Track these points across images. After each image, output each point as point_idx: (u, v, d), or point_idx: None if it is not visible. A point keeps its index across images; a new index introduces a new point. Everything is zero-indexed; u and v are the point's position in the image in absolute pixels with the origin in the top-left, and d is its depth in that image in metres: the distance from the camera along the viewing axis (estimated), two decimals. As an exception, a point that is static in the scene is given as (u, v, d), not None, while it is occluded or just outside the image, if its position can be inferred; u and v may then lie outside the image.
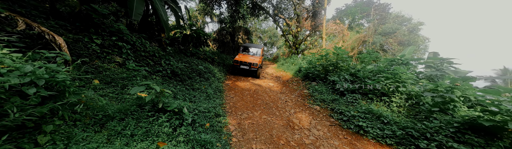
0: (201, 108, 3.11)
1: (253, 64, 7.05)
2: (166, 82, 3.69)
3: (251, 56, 7.81)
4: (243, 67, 7.08)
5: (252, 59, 7.36)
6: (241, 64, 7.09)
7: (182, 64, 4.83)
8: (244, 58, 7.34)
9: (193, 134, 2.29)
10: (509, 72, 13.04)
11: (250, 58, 7.49)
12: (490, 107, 2.81)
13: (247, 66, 7.09)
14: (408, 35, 14.45)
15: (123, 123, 2.01)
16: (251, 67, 7.08)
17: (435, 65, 6.46)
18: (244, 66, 7.08)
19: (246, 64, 7.06)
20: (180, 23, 6.72)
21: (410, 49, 7.95)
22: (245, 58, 7.36)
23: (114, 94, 2.53)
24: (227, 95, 4.91)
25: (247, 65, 7.08)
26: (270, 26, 25.63)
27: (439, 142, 2.76)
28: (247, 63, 7.06)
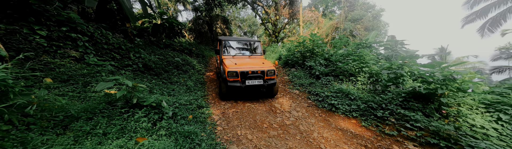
0: (182, 101, 2.97)
1: (269, 72, 3.59)
2: (138, 77, 3.36)
3: (250, 58, 4.16)
4: (253, 82, 3.46)
5: (257, 62, 3.78)
6: (246, 78, 3.46)
7: (156, 57, 4.39)
8: (243, 63, 3.66)
9: (175, 126, 2.22)
10: (444, 50, 15.41)
11: (252, 61, 3.85)
12: (427, 78, 3.27)
13: (258, 79, 3.52)
14: (372, 21, 15.18)
15: (92, 122, 1.82)
16: (265, 78, 3.60)
17: (391, 47, 7.09)
18: (254, 81, 3.48)
19: (256, 76, 3.49)
20: (147, 11, 5.86)
21: (373, 33, 8.45)
22: (245, 63, 3.70)
23: (75, 92, 2.22)
24: (209, 86, 4.78)
25: (259, 78, 3.52)
26: (249, 14, 24.30)
27: (391, 110, 3.21)
28: (257, 74, 3.49)
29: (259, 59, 4.12)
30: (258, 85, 3.49)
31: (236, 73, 3.41)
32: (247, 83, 3.44)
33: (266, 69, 3.57)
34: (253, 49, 4.49)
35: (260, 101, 4.09)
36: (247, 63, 3.70)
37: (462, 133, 2.53)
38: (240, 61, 3.74)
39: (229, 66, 3.48)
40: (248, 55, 4.27)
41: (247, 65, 3.60)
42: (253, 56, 4.31)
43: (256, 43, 4.57)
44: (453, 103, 3.20)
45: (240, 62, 3.66)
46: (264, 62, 3.83)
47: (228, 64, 3.54)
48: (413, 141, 2.65)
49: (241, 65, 3.55)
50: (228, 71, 3.38)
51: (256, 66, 3.62)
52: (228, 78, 3.40)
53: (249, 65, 3.59)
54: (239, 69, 3.43)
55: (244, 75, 3.46)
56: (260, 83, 3.50)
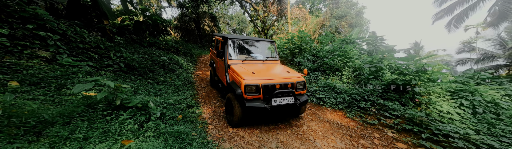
0: (170, 100, 2.85)
1: (299, 85, 2.57)
2: (121, 78, 3.14)
3: (266, 64, 3.13)
4: (281, 101, 2.36)
5: (280, 71, 2.77)
6: (272, 94, 2.32)
7: (139, 56, 4.13)
8: (262, 72, 2.63)
9: (164, 127, 2.13)
10: (418, 44, 16.72)
11: (272, 69, 2.87)
12: (403, 71, 3.51)
13: (288, 96, 2.43)
14: (355, 18, 15.72)
15: (70, 127, 1.67)
16: (296, 94, 2.57)
17: (372, 42, 7.44)
18: (282, 99, 2.37)
19: (286, 92, 2.38)
20: (128, 8, 5.42)
21: (357, 30, 8.77)
22: (265, 71, 2.71)
23: (48, 96, 2.01)
24: (199, 85, 4.64)
25: (289, 94, 2.43)
26: (238, 12, 23.73)
27: (372, 101, 3.41)
28: (287, 89, 2.43)
29: (280, 66, 3.00)
30: (288, 105, 2.31)
31: (257, 87, 2.25)
32: (274, 103, 2.26)
33: (295, 80, 2.45)
34: (267, 52, 3.37)
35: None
36: (267, 71, 2.59)
37: (432, 119, 2.76)
38: (257, 69, 2.63)
39: (245, 76, 2.31)
40: (261, 60, 3.14)
41: (269, 75, 2.46)
42: (269, 61, 3.19)
43: (271, 45, 3.49)
44: (425, 92, 3.46)
45: (258, 70, 2.55)
46: (288, 71, 2.71)
47: (242, 73, 2.38)
48: (391, 128, 2.84)
49: (262, 75, 2.40)
50: (246, 84, 2.20)
51: (282, 76, 2.45)
52: (246, 95, 2.22)
53: (272, 75, 2.45)
54: (262, 82, 2.28)
55: (269, 91, 2.31)
56: (291, 101, 2.34)
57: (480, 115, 2.88)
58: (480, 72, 4.37)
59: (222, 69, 3.23)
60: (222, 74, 3.26)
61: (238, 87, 2.35)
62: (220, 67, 3.45)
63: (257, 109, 2.24)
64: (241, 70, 2.56)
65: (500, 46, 12.29)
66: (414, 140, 2.48)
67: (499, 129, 2.53)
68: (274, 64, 3.22)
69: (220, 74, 3.44)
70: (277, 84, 2.41)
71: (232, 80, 2.69)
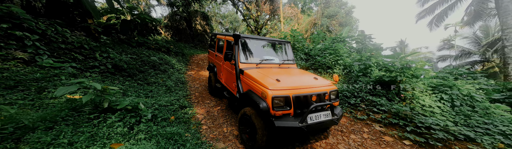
0: (162, 102, 2.77)
1: (332, 95, 2.11)
2: (108, 79, 2.99)
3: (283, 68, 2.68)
4: (318, 117, 1.82)
5: (305, 77, 2.25)
6: (304, 108, 1.86)
7: (128, 57, 3.95)
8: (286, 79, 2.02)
9: (156, 129, 2.06)
10: (403, 42, 17.49)
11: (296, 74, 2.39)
12: (390, 68, 3.66)
13: (324, 110, 1.94)
14: (345, 17, 16.06)
15: (53, 132, 1.57)
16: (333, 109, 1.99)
17: (361, 41, 7.66)
18: (319, 115, 1.84)
19: (322, 106, 1.87)
20: (114, 6, 5.14)
21: (347, 29, 8.96)
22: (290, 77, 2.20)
23: (27, 100, 1.87)
24: (192, 86, 4.55)
25: (325, 107, 1.98)
26: (230, 11, 23.34)
27: (361, 97, 3.52)
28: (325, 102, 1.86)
29: (301, 71, 2.57)
30: (325, 121, 1.81)
31: (287, 99, 1.73)
32: (310, 120, 1.74)
33: (328, 89, 1.99)
34: (283, 55, 2.90)
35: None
36: (292, 78, 2.09)
37: (416, 113, 2.90)
38: (279, 75, 2.13)
39: (270, 85, 1.79)
40: (277, 63, 2.68)
41: (297, 82, 1.95)
42: (285, 64, 2.73)
43: (286, 45, 3.00)
44: (409, 87, 3.62)
45: (281, 77, 2.01)
46: (315, 77, 2.20)
47: (265, 81, 1.86)
48: (379, 123, 2.95)
49: (290, 84, 1.88)
50: (274, 96, 1.68)
51: (313, 84, 1.96)
52: (274, 111, 1.68)
53: (302, 83, 1.93)
54: (293, 92, 1.78)
55: (301, 104, 1.81)
56: (328, 117, 1.85)
57: (458, 108, 3.07)
58: (458, 68, 4.65)
59: (230, 75, 2.68)
60: (230, 81, 2.70)
61: (262, 100, 1.75)
62: (226, 72, 2.89)
63: (289, 129, 1.64)
64: (261, 77, 2.00)
65: (475, 43, 13.12)
66: (400, 133, 2.59)
67: (474, 120, 2.71)
68: (292, 68, 2.70)
69: (227, 80, 2.83)
70: (311, 94, 1.84)
71: (248, 90, 2.08)
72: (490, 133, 2.41)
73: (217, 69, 3.40)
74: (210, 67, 3.78)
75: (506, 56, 6.14)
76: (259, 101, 1.78)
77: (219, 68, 3.29)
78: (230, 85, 2.77)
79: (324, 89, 2.01)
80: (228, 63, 2.80)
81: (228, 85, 2.85)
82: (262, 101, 1.77)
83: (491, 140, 2.25)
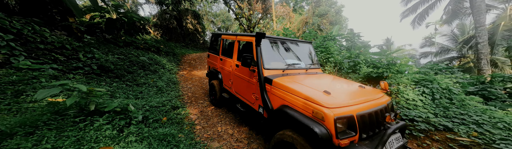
0: (153, 103, 2.68)
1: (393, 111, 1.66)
2: (93, 81, 2.84)
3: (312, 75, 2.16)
4: (391, 145, 1.35)
5: (351, 85, 1.82)
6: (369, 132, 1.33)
7: (115, 57, 3.77)
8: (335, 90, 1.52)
9: (147, 131, 2.00)
10: (389, 40, 18.29)
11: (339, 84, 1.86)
12: (377, 64, 3.79)
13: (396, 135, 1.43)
14: (335, 16, 16.37)
15: (35, 138, 1.47)
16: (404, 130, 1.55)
17: (350, 39, 7.88)
18: (392, 142, 1.36)
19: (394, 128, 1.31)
20: (97, 4, 4.82)
21: (337, 27, 9.16)
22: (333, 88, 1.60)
23: (2, 104, 1.73)
24: (184, 86, 4.44)
25: (398, 133, 1.47)
26: (222, 9, 22.87)
27: None
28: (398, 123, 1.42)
29: (336, 77, 2.16)
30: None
31: (350, 120, 1.28)
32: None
33: (386, 101, 1.60)
34: (306, 57, 2.45)
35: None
36: (338, 89, 1.65)
37: (401, 106, 3.04)
38: (317, 83, 1.76)
39: (324, 100, 1.33)
40: (304, 68, 2.23)
41: (350, 94, 1.55)
42: (312, 69, 2.32)
43: (308, 46, 2.57)
44: (394, 83, 3.78)
45: (325, 86, 1.64)
46: (361, 85, 1.81)
47: (310, 94, 1.44)
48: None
49: (346, 96, 1.45)
50: (338, 117, 1.22)
51: (371, 96, 1.54)
52: (338, 140, 1.20)
53: (356, 96, 1.50)
54: (358, 110, 1.33)
55: (368, 125, 1.35)
56: (401, 142, 1.47)
57: (437, 101, 3.26)
58: (438, 64, 4.92)
59: (246, 84, 2.18)
60: (245, 92, 2.19)
61: (314, 122, 1.25)
62: (238, 80, 2.35)
63: None
64: (302, 88, 1.52)
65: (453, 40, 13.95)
66: (387, 127, 2.71)
67: (452, 111, 2.90)
68: (321, 74, 2.28)
69: (241, 90, 2.30)
70: (377, 110, 1.40)
71: (281, 106, 1.59)
72: (465, 123, 2.58)
73: (223, 75, 2.82)
74: (212, 73, 3.15)
75: (479, 52, 6.59)
76: (309, 123, 1.24)
77: (226, 74, 2.70)
78: (246, 96, 2.22)
79: (383, 101, 1.52)
80: (241, 69, 2.27)
81: (243, 97, 2.30)
82: (316, 124, 1.23)
83: (466, 129, 2.42)
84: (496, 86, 3.79)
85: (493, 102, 3.30)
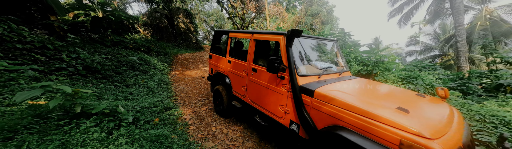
0: (144, 104, 2.59)
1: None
2: (79, 82, 2.69)
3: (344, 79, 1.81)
4: None
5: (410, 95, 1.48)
6: None
7: (101, 57, 3.59)
8: (410, 107, 1.14)
9: (138, 132, 1.93)
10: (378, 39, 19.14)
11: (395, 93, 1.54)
12: (366, 62, 3.92)
13: None
14: (327, 16, 16.67)
15: (14, 143, 1.37)
16: None
17: (341, 38, 8.07)
18: None
19: None
20: (82, 1, 4.56)
21: (328, 27, 9.33)
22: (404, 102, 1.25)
23: (-25, 109, 1.59)
24: (177, 86, 4.34)
25: None
26: (215, 8, 22.48)
27: None
28: None
29: (379, 84, 1.85)
30: None
31: None
32: None
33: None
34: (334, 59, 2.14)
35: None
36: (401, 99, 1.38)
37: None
38: (372, 95, 1.44)
39: (417, 129, 0.90)
40: (337, 72, 1.92)
41: (430, 111, 1.20)
42: (344, 73, 2.03)
43: (334, 45, 2.22)
44: (383, 80, 3.93)
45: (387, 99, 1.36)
46: (418, 94, 1.53)
47: (387, 115, 1.03)
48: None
49: (435, 116, 1.12)
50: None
51: (453, 112, 1.25)
52: None
53: (439, 113, 1.18)
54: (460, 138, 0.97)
55: None
56: None
57: (423, 96, 3.43)
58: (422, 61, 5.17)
59: (271, 94, 1.79)
60: (268, 102, 1.83)
61: None
62: (256, 87, 1.97)
63: None
64: (364, 103, 1.18)
65: (435, 39, 14.71)
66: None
67: (436, 106, 3.06)
68: (357, 78, 1.96)
69: (262, 100, 1.92)
70: (470, 133, 1.12)
71: (333, 126, 1.24)
72: (447, 116, 2.73)
73: (232, 80, 2.41)
74: (217, 76, 2.73)
75: (458, 50, 6.99)
76: None
77: (237, 79, 2.31)
78: (270, 108, 1.84)
79: (461, 117, 1.24)
80: (261, 75, 1.88)
81: (265, 108, 1.91)
82: None
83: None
84: (473, 81, 4.04)
85: (470, 96, 3.53)
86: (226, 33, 2.60)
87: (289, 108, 1.62)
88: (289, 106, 1.62)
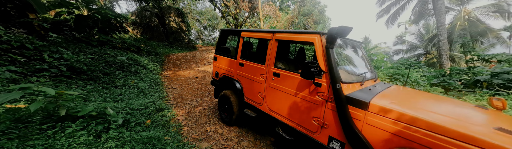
0: (135, 105, 2.50)
1: None
2: (63, 84, 2.54)
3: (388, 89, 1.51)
4: None
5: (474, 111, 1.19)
6: None
7: (87, 57, 3.42)
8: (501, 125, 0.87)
9: (129, 135, 1.86)
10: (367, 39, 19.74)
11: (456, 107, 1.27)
12: None
13: None
14: (319, 16, 16.95)
15: (-9, 150, 1.27)
16: None
17: None
18: None
19: None
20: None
21: (321, 26, 9.50)
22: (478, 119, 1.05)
23: None
24: (169, 87, 4.23)
25: None
26: (208, 7, 22.05)
27: None
28: None
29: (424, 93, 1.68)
30: None
31: None
32: None
33: None
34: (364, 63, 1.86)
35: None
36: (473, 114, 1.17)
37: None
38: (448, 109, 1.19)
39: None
40: (372, 78, 1.75)
41: None
42: (378, 79, 1.90)
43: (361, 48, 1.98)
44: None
45: (462, 114, 1.13)
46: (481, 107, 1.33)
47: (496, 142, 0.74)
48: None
49: None
50: None
51: None
52: None
53: None
54: None
55: None
56: None
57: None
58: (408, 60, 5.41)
59: (300, 103, 1.53)
60: (299, 114, 1.55)
61: None
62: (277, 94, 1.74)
63: None
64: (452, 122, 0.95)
65: (420, 39, 15.44)
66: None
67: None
68: (394, 85, 1.78)
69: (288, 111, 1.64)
70: None
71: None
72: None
73: (245, 86, 2.13)
74: (224, 81, 2.45)
75: (441, 49, 7.39)
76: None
77: (251, 85, 2.03)
78: (297, 119, 1.57)
79: None
80: (287, 80, 1.62)
81: (291, 119, 1.63)
82: None
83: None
84: (454, 78, 4.30)
85: (451, 92, 3.74)
86: (236, 32, 2.32)
87: (328, 121, 1.34)
88: (328, 119, 1.33)
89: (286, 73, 1.65)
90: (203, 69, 6.17)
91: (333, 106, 1.30)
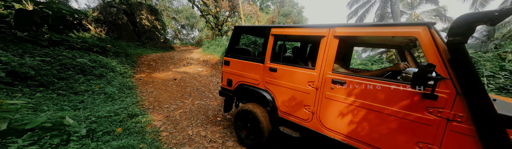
0: (101, 112, 2.21)
1: None
2: (2, 92, 2.10)
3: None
4: None
5: None
6: None
7: (36, 60, 2.88)
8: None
9: (95, 146, 1.64)
10: None
11: None
12: None
13: None
14: (297, 16, 17.69)
15: None
16: None
17: None
18: None
19: None
20: None
21: None
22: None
23: None
24: (144, 90, 3.88)
25: None
26: (185, 5, 20.78)
27: None
28: None
29: None
30: None
31: None
32: None
33: None
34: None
35: (210, 96, 3.86)
36: None
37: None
38: None
39: None
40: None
41: None
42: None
43: None
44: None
45: None
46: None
47: None
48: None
49: None
50: None
51: None
52: None
53: None
54: None
55: None
56: None
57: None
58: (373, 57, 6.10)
59: (402, 125, 1.09)
60: (397, 141, 1.11)
61: None
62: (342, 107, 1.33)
63: None
64: None
65: (383, 38, 17.48)
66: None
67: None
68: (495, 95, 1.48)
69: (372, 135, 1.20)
70: None
71: None
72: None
73: (280, 97, 1.70)
74: (243, 91, 2.01)
75: (399, 47, 8.51)
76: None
77: (293, 96, 1.61)
78: (390, 147, 1.15)
79: None
80: (352, 89, 1.26)
81: (376, 145, 1.19)
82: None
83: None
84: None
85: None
86: (261, 30, 1.78)
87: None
88: (451, 147, 0.94)
89: (358, 81, 1.21)
90: (182, 70, 5.84)
91: (463, 128, 0.90)
